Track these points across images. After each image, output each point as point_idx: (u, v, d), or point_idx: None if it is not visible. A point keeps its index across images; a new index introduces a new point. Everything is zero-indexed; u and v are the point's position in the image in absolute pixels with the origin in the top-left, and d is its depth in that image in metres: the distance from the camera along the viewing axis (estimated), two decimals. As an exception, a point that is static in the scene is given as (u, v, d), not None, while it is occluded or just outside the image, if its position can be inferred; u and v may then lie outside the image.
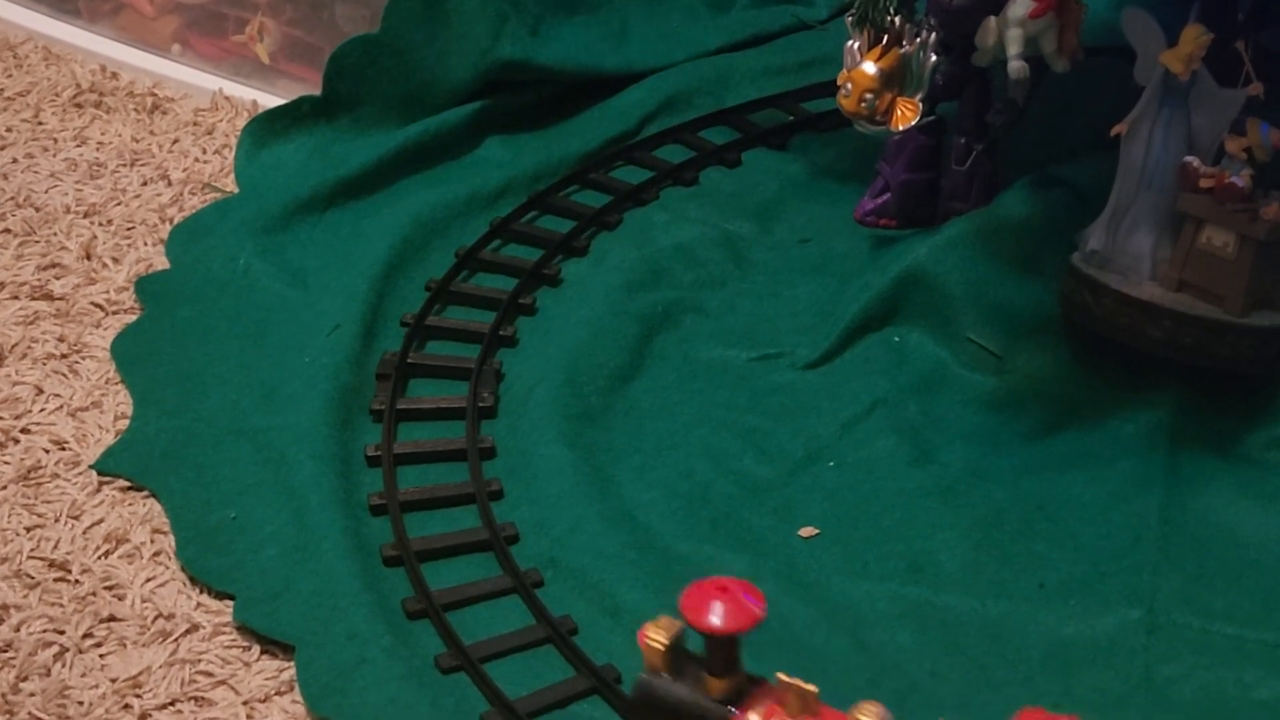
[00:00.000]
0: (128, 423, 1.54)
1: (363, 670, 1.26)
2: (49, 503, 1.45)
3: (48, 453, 1.51)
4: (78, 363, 1.62)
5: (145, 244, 1.80)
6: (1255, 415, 1.53)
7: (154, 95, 2.09)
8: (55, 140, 2.00)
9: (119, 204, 1.87)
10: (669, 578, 1.34)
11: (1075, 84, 1.76)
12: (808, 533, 1.43)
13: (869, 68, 1.58)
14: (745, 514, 1.45)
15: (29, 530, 1.42)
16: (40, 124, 2.04)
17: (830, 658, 1.29)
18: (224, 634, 1.33)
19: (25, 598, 1.35)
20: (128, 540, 1.41)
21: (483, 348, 1.61)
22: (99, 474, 1.48)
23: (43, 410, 1.56)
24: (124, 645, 1.32)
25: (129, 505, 1.45)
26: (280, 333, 1.64)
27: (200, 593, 1.37)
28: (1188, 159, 1.51)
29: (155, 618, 1.34)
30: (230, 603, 1.35)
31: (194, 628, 1.33)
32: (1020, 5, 1.62)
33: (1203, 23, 1.50)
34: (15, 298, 1.70)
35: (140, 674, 1.29)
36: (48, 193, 1.89)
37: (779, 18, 2.24)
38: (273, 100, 2.04)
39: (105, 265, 1.76)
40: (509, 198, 1.86)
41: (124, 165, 1.95)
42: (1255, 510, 1.45)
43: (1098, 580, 1.38)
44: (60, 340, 1.64)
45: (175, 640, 1.32)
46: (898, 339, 1.65)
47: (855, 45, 1.59)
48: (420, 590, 1.35)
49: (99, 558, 1.40)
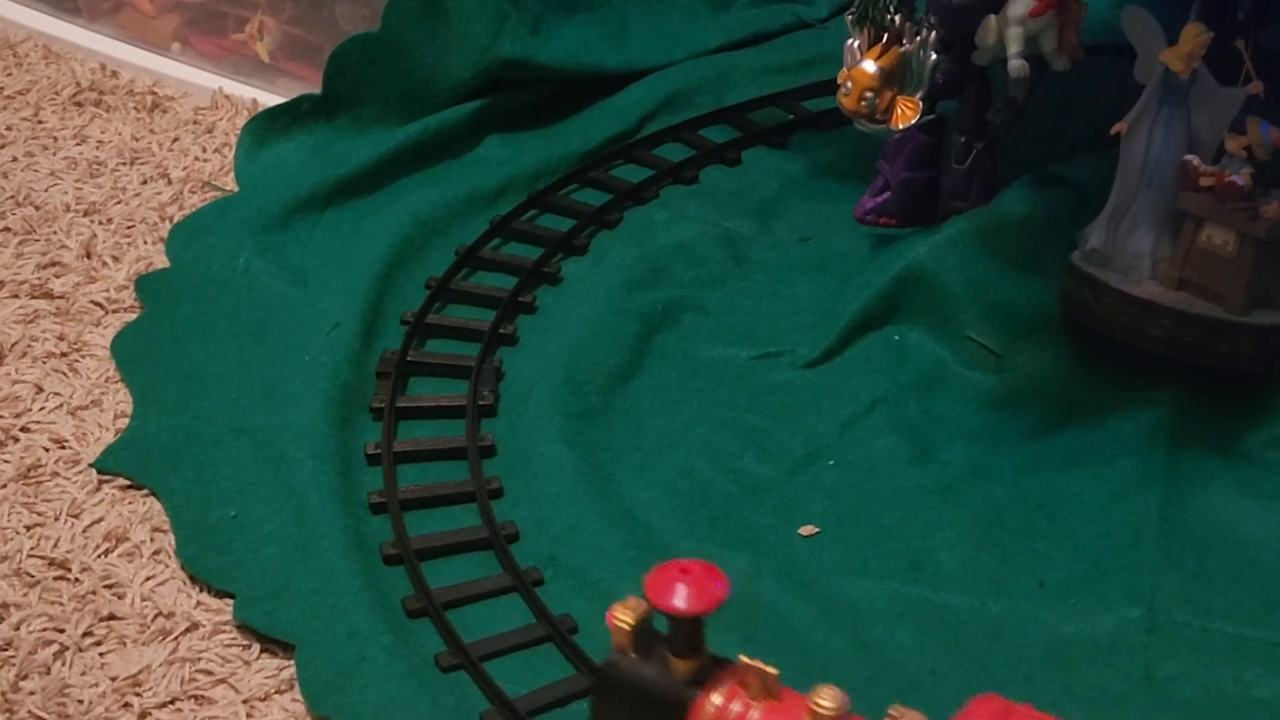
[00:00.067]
0: (127, 421, 1.54)
1: (363, 669, 1.26)
2: (49, 501, 1.45)
3: (48, 451, 1.51)
4: (77, 361, 1.62)
5: (145, 242, 1.80)
6: (1255, 414, 1.53)
7: (154, 94, 2.09)
8: (55, 139, 2.00)
9: (119, 202, 1.87)
10: (669, 576, 1.34)
11: (1075, 82, 1.76)
12: (808, 531, 1.43)
13: (869, 66, 1.57)
14: (745, 512, 1.45)
15: (29, 529, 1.42)
16: (40, 122, 2.04)
17: (830, 656, 1.29)
18: (224, 632, 1.33)
19: (25, 596, 1.35)
20: (127, 539, 1.41)
21: (483, 346, 1.61)
22: (99, 472, 1.48)
23: (43, 409, 1.56)
24: (124, 644, 1.32)
25: (129, 504, 1.45)
26: (280, 331, 1.64)
27: (200, 591, 1.37)
28: (1188, 157, 1.51)
29: (155, 616, 1.34)
30: (230, 601, 1.35)
31: (194, 626, 1.33)
32: (1020, 4, 1.62)
33: (1203, 21, 1.50)
34: (15, 296, 1.70)
35: (140, 672, 1.28)
36: (48, 191, 1.89)
37: (779, 16, 2.24)
38: (273, 99, 2.04)
39: (105, 264, 1.76)
40: (509, 196, 1.86)
41: (124, 164, 1.95)
42: (1255, 509, 1.45)
43: (1098, 579, 1.38)
44: (60, 339, 1.64)
45: (175, 639, 1.32)
46: (898, 337, 1.65)
47: (855, 43, 1.59)
48: (420, 589, 1.35)
49: (99, 556, 1.40)
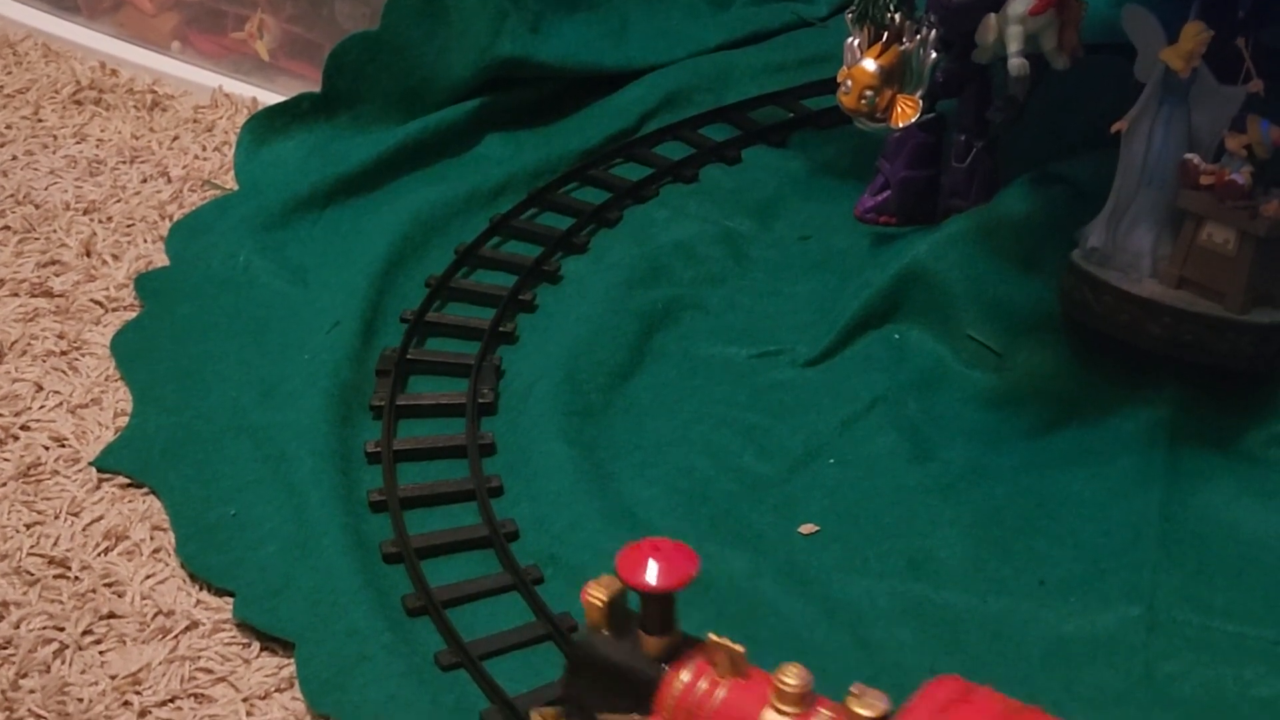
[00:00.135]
0: (127, 420, 1.54)
1: (363, 667, 1.26)
2: (49, 500, 1.45)
3: (47, 450, 1.50)
4: (77, 360, 1.62)
5: (145, 241, 1.80)
6: (1255, 412, 1.53)
7: (154, 92, 2.09)
8: (55, 137, 2.00)
9: (119, 201, 1.87)
10: (669, 575, 1.34)
11: (1075, 81, 1.76)
12: (808, 530, 1.43)
13: (869, 65, 1.57)
14: (745, 511, 1.45)
15: (29, 527, 1.42)
16: (40, 121, 2.04)
17: (830, 654, 1.29)
18: (224, 631, 1.33)
19: (25, 594, 1.35)
20: (127, 537, 1.41)
21: (482, 344, 1.61)
22: (98, 471, 1.48)
23: (42, 407, 1.56)
24: (123, 642, 1.32)
25: (128, 502, 1.45)
26: (280, 330, 1.64)
27: (200, 589, 1.37)
28: (1188, 156, 1.51)
29: (155, 614, 1.34)
30: (230, 599, 1.35)
31: (194, 624, 1.33)
32: (1020, 2, 1.62)
33: (1203, 19, 1.50)
34: (15, 294, 1.70)
35: (140, 671, 1.28)
36: (47, 190, 1.89)
37: (779, 15, 2.24)
38: (272, 97, 2.04)
39: (105, 262, 1.76)
40: (509, 194, 1.86)
41: (124, 162, 1.95)
42: (1255, 507, 1.44)
43: (1098, 577, 1.38)
44: (60, 337, 1.64)
45: (175, 637, 1.32)
46: (898, 336, 1.65)
47: (855, 42, 1.59)
48: (420, 587, 1.35)
49: (98, 555, 1.40)
